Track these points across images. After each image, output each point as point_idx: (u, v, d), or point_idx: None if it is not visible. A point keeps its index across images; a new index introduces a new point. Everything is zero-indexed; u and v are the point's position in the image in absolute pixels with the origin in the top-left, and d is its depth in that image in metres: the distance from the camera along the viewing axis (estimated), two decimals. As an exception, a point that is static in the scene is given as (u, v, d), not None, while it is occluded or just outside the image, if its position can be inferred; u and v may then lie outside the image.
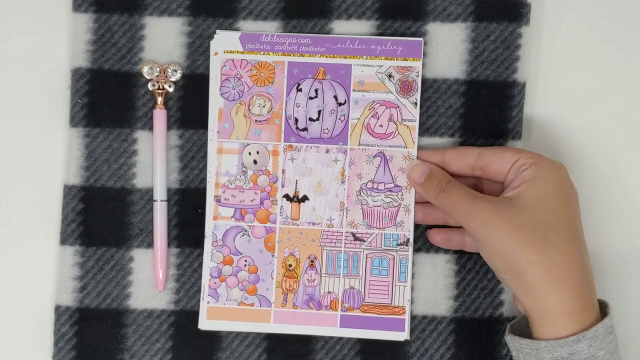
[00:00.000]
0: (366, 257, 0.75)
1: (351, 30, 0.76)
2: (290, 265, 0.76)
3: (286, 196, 0.76)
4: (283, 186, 0.76)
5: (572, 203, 0.69)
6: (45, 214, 0.77)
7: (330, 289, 0.76)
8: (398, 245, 0.75)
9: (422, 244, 0.76)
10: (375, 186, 0.75)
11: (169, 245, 0.76)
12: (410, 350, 0.75)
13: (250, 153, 0.76)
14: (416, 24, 0.76)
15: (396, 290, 0.75)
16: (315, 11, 0.76)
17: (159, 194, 0.75)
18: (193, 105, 0.76)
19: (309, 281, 0.76)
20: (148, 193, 0.76)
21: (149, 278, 0.76)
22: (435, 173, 0.73)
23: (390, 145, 0.75)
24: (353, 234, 0.76)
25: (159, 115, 0.76)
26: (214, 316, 0.75)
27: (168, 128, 0.76)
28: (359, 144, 0.76)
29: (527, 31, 0.76)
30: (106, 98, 0.76)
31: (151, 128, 0.76)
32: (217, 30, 0.76)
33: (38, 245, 0.77)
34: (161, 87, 0.76)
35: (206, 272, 0.76)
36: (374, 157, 0.76)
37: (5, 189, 0.77)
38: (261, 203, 0.76)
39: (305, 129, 0.76)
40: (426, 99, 0.76)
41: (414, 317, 0.76)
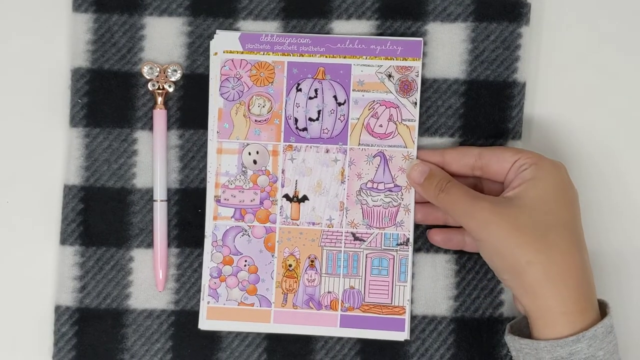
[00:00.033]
0: (366, 257, 0.75)
1: (351, 30, 0.76)
2: (290, 265, 0.76)
3: (286, 196, 0.76)
4: (283, 186, 0.76)
5: (572, 203, 0.69)
6: (45, 214, 0.77)
7: (330, 289, 0.76)
8: (398, 245, 0.75)
9: (422, 244, 0.76)
10: (375, 186, 0.75)
11: (169, 245, 0.76)
12: (410, 350, 0.75)
13: (250, 153, 0.76)
14: (416, 24, 0.76)
15: (396, 290, 0.75)
16: (315, 11, 0.76)
17: (159, 194, 0.75)
18: (193, 105, 0.76)
19: (309, 281, 0.76)
20: (148, 193, 0.76)
21: (149, 278, 0.76)
22: (435, 173, 0.73)
23: (390, 145, 0.75)
24: (353, 234, 0.76)
25: (159, 115, 0.76)
26: (214, 316, 0.75)
27: (168, 128, 0.76)
28: (359, 144, 0.76)
29: (527, 31, 0.76)
30: (106, 98, 0.76)
31: (151, 128, 0.76)
32: (217, 30, 0.76)
33: (38, 245, 0.77)
34: (161, 87, 0.76)
35: (206, 272, 0.76)
36: (374, 157, 0.76)
37: (5, 189, 0.77)
38: (261, 203, 0.76)
39: (305, 129, 0.76)
40: (426, 99, 0.76)
41: (414, 317, 0.76)
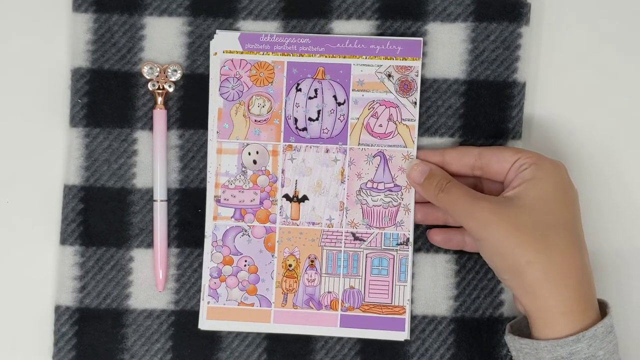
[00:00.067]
0: (366, 257, 0.75)
1: (351, 30, 0.76)
2: (290, 265, 0.76)
3: (286, 196, 0.76)
4: (283, 186, 0.76)
5: (572, 203, 0.69)
6: (45, 214, 0.77)
7: (330, 289, 0.76)
8: (398, 244, 0.75)
9: (422, 244, 0.76)
10: (375, 186, 0.75)
11: (169, 245, 0.76)
12: (410, 350, 0.75)
13: (249, 153, 0.76)
14: (416, 24, 0.76)
15: (396, 290, 0.75)
16: (315, 11, 0.76)
17: (159, 194, 0.75)
18: (193, 105, 0.76)
19: (309, 281, 0.76)
20: (148, 193, 0.76)
21: (149, 278, 0.76)
22: (435, 173, 0.73)
23: (389, 144, 0.75)
24: (353, 234, 0.76)
25: (159, 115, 0.76)
26: (214, 316, 0.75)
27: (168, 128, 0.76)
28: (359, 144, 0.76)
29: (527, 31, 0.76)
30: (106, 98, 0.76)
31: (151, 128, 0.76)
32: (217, 30, 0.76)
33: (38, 245, 0.77)
34: (161, 87, 0.76)
35: (206, 272, 0.76)
36: (374, 157, 0.75)
37: (5, 189, 0.77)
38: (261, 203, 0.76)
39: (304, 129, 0.76)
40: (426, 99, 0.76)
41: (414, 317, 0.76)
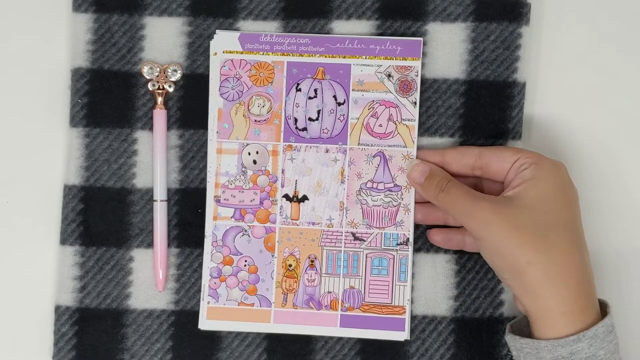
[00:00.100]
0: (366, 257, 0.75)
1: (351, 30, 0.76)
2: (290, 265, 0.76)
3: (286, 196, 0.76)
4: (283, 186, 0.76)
5: (572, 203, 0.69)
6: (45, 214, 0.77)
7: (330, 289, 0.75)
8: (398, 244, 0.75)
9: (422, 244, 0.76)
10: (374, 186, 0.75)
11: (169, 245, 0.76)
12: (410, 350, 0.75)
13: (249, 153, 0.76)
14: (416, 24, 0.76)
15: (396, 289, 0.75)
16: (315, 11, 0.76)
17: (159, 194, 0.75)
18: (193, 105, 0.76)
19: (309, 281, 0.76)
20: (148, 193, 0.76)
21: (149, 278, 0.76)
22: (435, 173, 0.73)
23: (389, 144, 0.75)
24: (353, 234, 0.76)
25: (159, 115, 0.76)
26: (214, 316, 0.75)
27: (168, 128, 0.76)
28: (359, 144, 0.76)
29: (527, 31, 0.76)
30: (106, 98, 0.76)
31: (151, 128, 0.76)
32: (217, 30, 0.76)
33: (38, 245, 0.77)
34: (161, 87, 0.76)
35: (206, 272, 0.76)
36: (374, 157, 0.75)
37: (5, 189, 0.77)
38: (261, 203, 0.76)
39: (304, 129, 0.76)
40: (426, 99, 0.76)
41: (414, 317, 0.76)
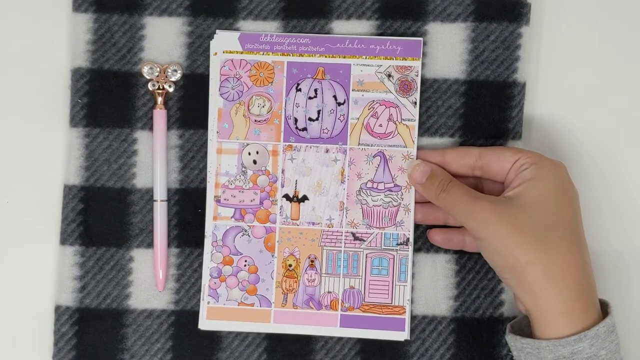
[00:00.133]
0: (366, 257, 0.75)
1: (351, 30, 0.76)
2: (290, 265, 0.76)
3: (286, 196, 0.76)
4: (283, 186, 0.76)
5: (572, 203, 0.69)
6: (45, 214, 0.77)
7: (330, 289, 0.75)
8: (398, 244, 0.75)
9: (422, 244, 0.76)
10: (375, 186, 0.75)
11: (169, 245, 0.76)
12: (410, 350, 0.75)
13: (249, 153, 0.76)
14: (416, 24, 0.76)
15: (396, 289, 0.75)
16: (315, 11, 0.76)
17: (159, 194, 0.75)
18: (193, 105, 0.76)
19: (309, 281, 0.76)
20: (148, 193, 0.76)
21: (149, 278, 0.76)
22: (436, 173, 0.73)
23: (389, 144, 0.75)
24: (353, 234, 0.76)
25: (159, 115, 0.76)
26: (214, 316, 0.75)
27: (168, 128, 0.76)
28: (359, 144, 0.76)
29: (527, 31, 0.76)
30: (106, 98, 0.76)
31: (151, 128, 0.76)
32: (217, 30, 0.76)
33: (38, 245, 0.77)
34: (161, 87, 0.76)
35: (206, 272, 0.76)
36: (374, 157, 0.75)
37: (5, 189, 0.77)
38: (261, 203, 0.76)
39: (304, 129, 0.76)
40: (426, 99, 0.76)
41: (414, 317, 0.76)
